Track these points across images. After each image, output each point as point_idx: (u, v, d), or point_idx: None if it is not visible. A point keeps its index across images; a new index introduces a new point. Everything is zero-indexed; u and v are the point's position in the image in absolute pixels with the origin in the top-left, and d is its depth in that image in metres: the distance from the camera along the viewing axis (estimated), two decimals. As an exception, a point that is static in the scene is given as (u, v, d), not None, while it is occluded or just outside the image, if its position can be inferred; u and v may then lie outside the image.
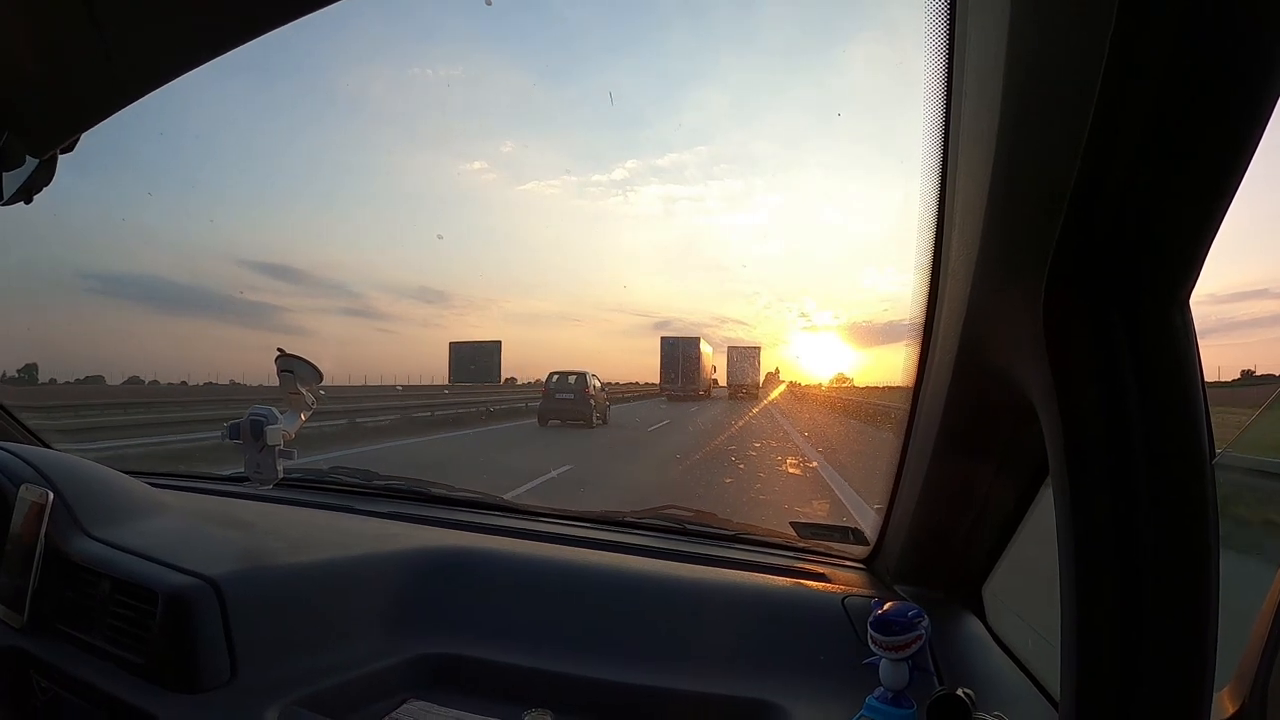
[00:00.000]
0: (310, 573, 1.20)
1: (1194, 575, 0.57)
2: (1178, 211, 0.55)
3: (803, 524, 1.50)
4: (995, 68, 0.62)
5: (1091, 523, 0.60)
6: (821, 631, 1.14)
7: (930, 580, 1.21)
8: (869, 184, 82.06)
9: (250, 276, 44.89)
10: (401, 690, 1.13)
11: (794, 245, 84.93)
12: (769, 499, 6.65)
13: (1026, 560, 1.07)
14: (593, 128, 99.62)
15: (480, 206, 65.32)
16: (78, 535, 1.24)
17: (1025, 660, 1.07)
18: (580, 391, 15.44)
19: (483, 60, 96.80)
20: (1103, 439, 0.60)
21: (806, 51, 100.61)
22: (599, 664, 1.14)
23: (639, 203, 74.24)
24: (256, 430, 1.31)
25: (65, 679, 1.10)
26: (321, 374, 1.37)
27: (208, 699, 1.00)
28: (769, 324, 56.50)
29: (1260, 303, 45.36)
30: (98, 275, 40.01)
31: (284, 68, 55.47)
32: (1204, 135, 0.51)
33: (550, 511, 1.69)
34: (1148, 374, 0.58)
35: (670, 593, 1.27)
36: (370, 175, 69.80)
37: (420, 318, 43.21)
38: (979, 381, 0.86)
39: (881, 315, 44.45)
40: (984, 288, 0.75)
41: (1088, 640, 0.62)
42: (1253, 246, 33.14)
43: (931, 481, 1.05)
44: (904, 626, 0.92)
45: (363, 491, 1.82)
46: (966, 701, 0.84)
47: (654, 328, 66.96)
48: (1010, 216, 0.68)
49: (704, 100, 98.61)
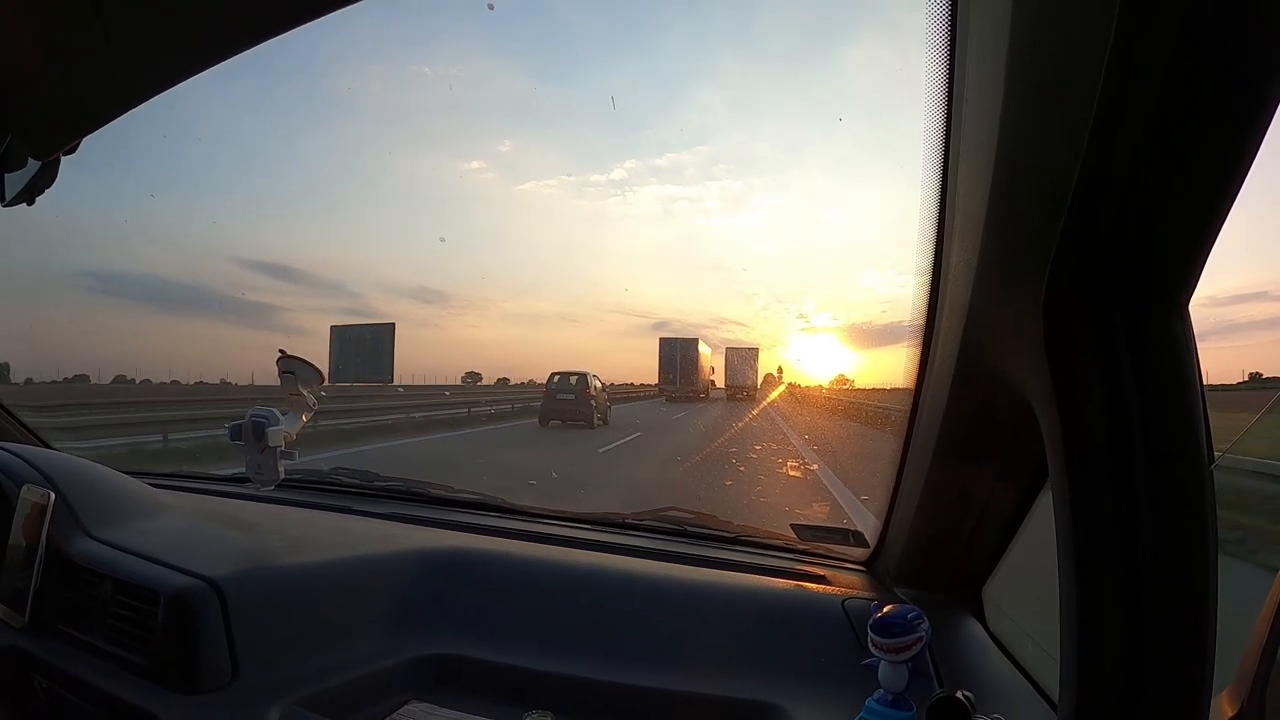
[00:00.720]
0: (311, 573, 1.21)
1: (1193, 578, 0.58)
2: (1178, 215, 0.55)
3: (803, 526, 1.50)
4: (996, 70, 0.62)
5: (1091, 526, 0.61)
6: (822, 633, 1.14)
7: (930, 583, 1.21)
8: (869, 186, 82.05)
9: (249, 276, 44.85)
10: (403, 691, 1.13)
11: (793, 246, 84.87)
12: (768, 501, 6.67)
13: (1026, 563, 1.08)
14: (591, 127, 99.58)
15: (479, 206, 65.23)
16: (79, 536, 1.24)
17: (1025, 663, 1.07)
18: (581, 392, 15.32)
19: (481, 59, 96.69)
20: (1103, 442, 0.60)
21: (807, 53, 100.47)
22: (600, 665, 1.15)
23: (638, 203, 74.19)
24: (258, 431, 1.31)
25: (67, 679, 1.11)
26: (323, 375, 1.37)
27: (210, 700, 1.01)
28: (768, 325, 56.46)
29: (1260, 305, 45.30)
30: (95, 274, 40.00)
31: (283, 68, 55.44)
32: (1205, 139, 0.51)
33: (551, 513, 1.69)
34: (1148, 378, 0.58)
35: (670, 594, 1.28)
36: (369, 175, 69.76)
37: (419, 318, 43.10)
38: (979, 384, 0.86)
39: (881, 317, 44.44)
40: (984, 290, 0.76)
41: (1087, 643, 0.62)
42: (1252, 249, 33.04)
43: (932, 484, 1.05)
44: (904, 629, 0.92)
45: (363, 492, 1.82)
46: (966, 704, 0.84)
47: (652, 328, 66.96)
48: (1011, 220, 0.68)
49: (704, 101, 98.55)
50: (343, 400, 14.19)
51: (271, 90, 61.98)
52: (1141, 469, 0.58)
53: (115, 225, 34.76)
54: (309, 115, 71.81)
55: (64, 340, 23.41)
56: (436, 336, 40.83)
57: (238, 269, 42.10)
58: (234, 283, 33.91)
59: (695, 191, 77.58)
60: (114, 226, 35.71)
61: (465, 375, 18.55)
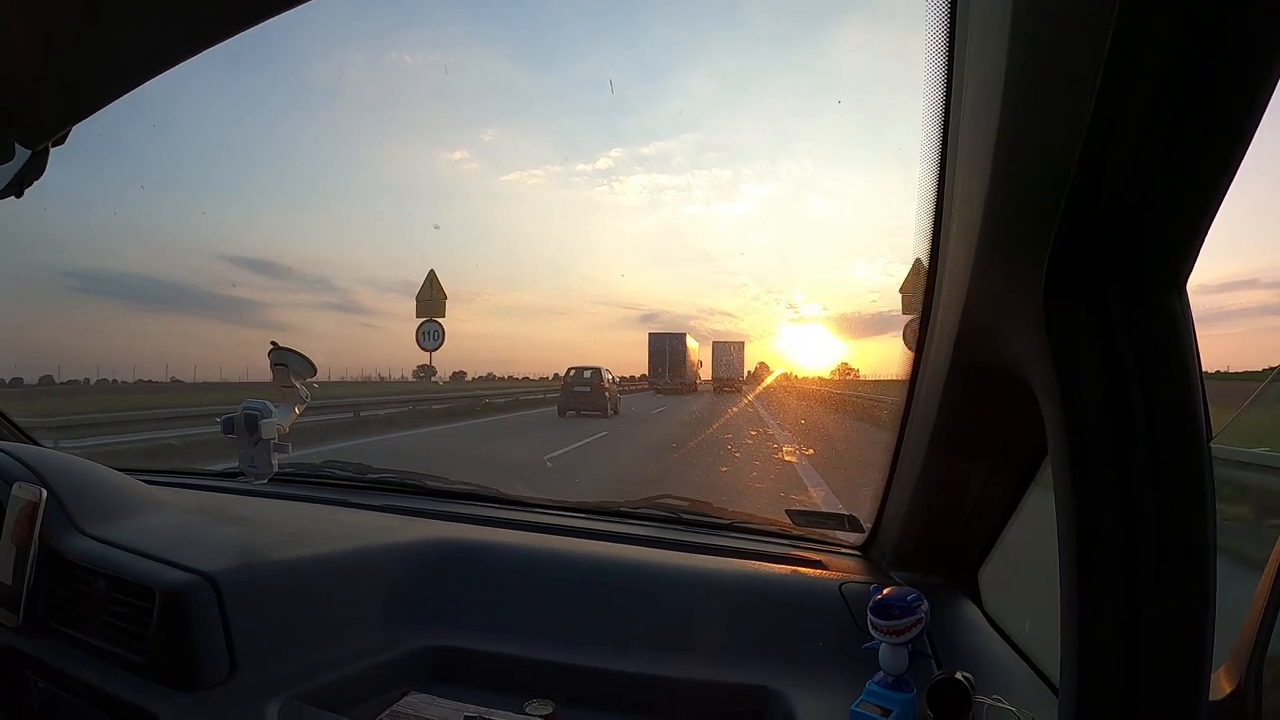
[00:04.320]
0: (307, 567, 1.20)
1: (1193, 556, 0.58)
2: (1177, 198, 0.55)
3: (798, 511, 1.51)
4: (997, 54, 0.62)
5: (1091, 506, 0.61)
6: (819, 618, 1.15)
7: (926, 566, 1.22)
8: (862, 173, 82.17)
9: (233, 272, 44.45)
10: (402, 683, 1.13)
11: (783, 236, 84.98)
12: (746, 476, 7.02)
13: (1022, 546, 1.09)
14: (576, 115, 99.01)
15: (463, 198, 64.85)
16: (72, 533, 1.22)
17: (1021, 645, 1.08)
18: (596, 385, 17.21)
19: (462, 45, 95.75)
20: (1103, 423, 0.60)
21: (799, 36, 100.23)
22: (597, 653, 1.15)
23: (625, 193, 73.97)
24: (251, 424, 1.30)
25: (62, 678, 1.10)
26: (315, 367, 1.36)
27: (207, 696, 1.00)
28: (756, 315, 56.50)
29: (1250, 293, 45.62)
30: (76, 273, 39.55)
31: (259, 57, 54.77)
32: (1204, 121, 0.51)
33: (545, 502, 1.69)
34: (1147, 358, 0.58)
35: (667, 581, 1.28)
36: (351, 167, 69.18)
37: (405, 312, 42.91)
38: (976, 368, 0.86)
39: (871, 306, 44.52)
40: (983, 274, 0.76)
41: (1087, 622, 0.62)
42: (1243, 237, 33.23)
43: (928, 468, 1.05)
44: (904, 610, 0.93)
45: (357, 485, 1.81)
46: (966, 685, 0.85)
47: (640, 320, 66.93)
48: (1011, 203, 0.68)
49: (692, 86, 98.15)
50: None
51: (251, 82, 61.28)
52: (1142, 449, 0.58)
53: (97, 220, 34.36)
54: (289, 107, 71.10)
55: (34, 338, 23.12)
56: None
57: (220, 264, 41.74)
58: (217, 279, 33.60)
59: (683, 181, 77.47)
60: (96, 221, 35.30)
61: (417, 369, 17.33)
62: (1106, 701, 0.62)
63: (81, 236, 31.28)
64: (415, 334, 13.71)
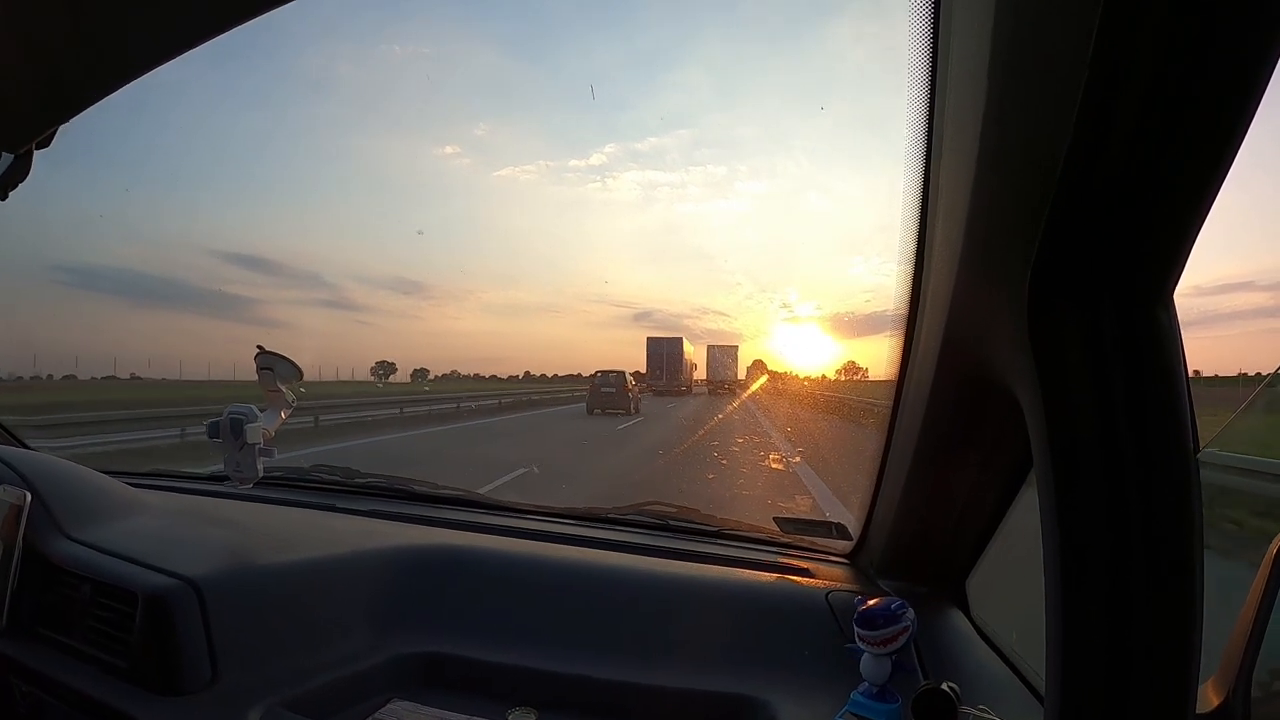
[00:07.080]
0: (292, 572, 1.19)
1: (1180, 567, 0.58)
2: (1165, 204, 0.54)
3: (785, 519, 1.50)
4: (981, 56, 0.61)
5: (1077, 516, 0.60)
6: (806, 627, 1.14)
7: (914, 574, 1.21)
8: (856, 172, 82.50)
9: (222, 267, 44.51)
10: (385, 690, 1.12)
11: (777, 234, 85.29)
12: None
13: (1010, 555, 1.08)
14: (569, 109, 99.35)
15: (455, 193, 65.08)
16: (56, 537, 1.22)
17: (1009, 654, 1.08)
18: (620, 387, 20.76)
19: (452, 37, 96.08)
20: (1088, 432, 0.59)
21: (794, 34, 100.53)
22: (583, 661, 1.14)
23: (618, 189, 74.12)
24: (236, 428, 1.30)
25: (46, 683, 1.09)
26: (302, 371, 1.36)
27: (190, 701, 0.99)
28: (750, 315, 56.65)
29: (1246, 295, 45.74)
30: (67, 268, 39.58)
31: (248, 53, 54.94)
32: (1192, 127, 0.50)
33: (533, 508, 1.68)
34: (1133, 367, 0.58)
35: (653, 589, 1.27)
36: (341, 161, 69.46)
37: (397, 309, 42.89)
38: (962, 375, 0.86)
39: (864, 306, 44.63)
40: (968, 280, 0.75)
41: (1074, 633, 0.62)
42: (1240, 238, 33.41)
43: (915, 476, 1.05)
44: (888, 620, 0.92)
45: (344, 490, 1.80)
46: (952, 695, 0.84)
47: (634, 319, 67.04)
48: (995, 208, 0.67)
49: (687, 82, 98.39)
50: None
51: (240, 78, 61.37)
52: (1128, 458, 0.58)
53: (87, 220, 34.39)
54: (279, 102, 71.22)
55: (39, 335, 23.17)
56: (415, 328, 40.54)
57: (210, 260, 41.74)
58: (208, 274, 33.59)
59: (677, 177, 77.51)
60: (86, 221, 35.33)
61: (376, 365, 17.93)
62: (1093, 713, 0.61)
63: (70, 232, 31.26)
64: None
